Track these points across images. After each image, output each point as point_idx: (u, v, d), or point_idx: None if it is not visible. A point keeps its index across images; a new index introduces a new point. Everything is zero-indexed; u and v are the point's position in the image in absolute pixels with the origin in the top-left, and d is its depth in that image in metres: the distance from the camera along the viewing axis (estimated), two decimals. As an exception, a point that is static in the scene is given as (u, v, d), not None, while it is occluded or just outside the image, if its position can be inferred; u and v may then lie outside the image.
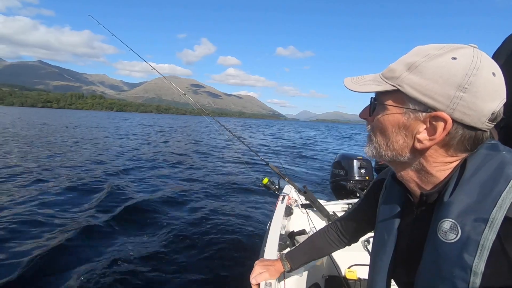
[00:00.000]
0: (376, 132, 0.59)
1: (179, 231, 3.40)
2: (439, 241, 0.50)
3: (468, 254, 0.46)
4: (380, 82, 0.56)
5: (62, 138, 12.94)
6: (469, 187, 0.49)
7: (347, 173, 2.22)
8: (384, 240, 0.68)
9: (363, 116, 0.62)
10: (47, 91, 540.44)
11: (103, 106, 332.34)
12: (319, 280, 1.57)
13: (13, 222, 3.31)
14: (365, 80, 0.58)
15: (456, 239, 0.48)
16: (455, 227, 0.48)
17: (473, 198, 0.48)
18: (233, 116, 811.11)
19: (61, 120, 31.21)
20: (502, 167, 0.47)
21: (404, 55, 0.55)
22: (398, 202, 0.67)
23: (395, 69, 0.54)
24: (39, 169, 6.22)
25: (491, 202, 0.45)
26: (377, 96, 0.58)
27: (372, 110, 0.59)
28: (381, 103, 0.56)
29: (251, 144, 15.10)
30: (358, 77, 0.60)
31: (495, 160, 0.49)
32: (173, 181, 5.93)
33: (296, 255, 1.01)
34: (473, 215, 0.47)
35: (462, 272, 0.46)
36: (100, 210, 3.91)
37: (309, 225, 1.81)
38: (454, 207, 0.49)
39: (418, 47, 0.54)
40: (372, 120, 0.59)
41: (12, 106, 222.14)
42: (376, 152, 0.60)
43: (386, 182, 0.75)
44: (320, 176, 7.56)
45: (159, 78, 2.69)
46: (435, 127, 0.51)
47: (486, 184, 0.47)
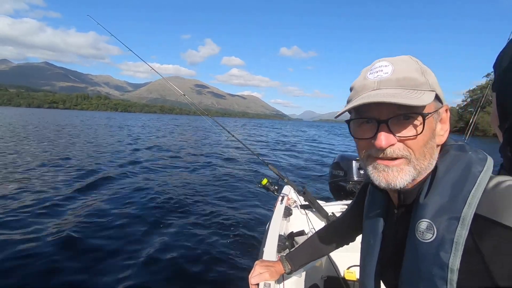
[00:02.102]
0: (417, 150, 0.52)
1: (178, 231, 3.42)
2: (417, 242, 0.52)
3: (444, 252, 0.48)
4: (420, 92, 0.51)
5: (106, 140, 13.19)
6: (441, 187, 0.51)
7: (346, 174, 2.21)
8: (370, 244, 0.69)
9: (404, 140, 0.52)
10: (53, 92, 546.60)
11: (108, 106, 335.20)
12: (318, 281, 1.57)
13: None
14: (400, 92, 0.51)
15: (432, 238, 0.49)
16: (431, 227, 0.50)
17: (446, 198, 0.50)
18: (237, 116, 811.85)
19: (75, 120, 31.53)
20: (469, 167, 0.50)
21: (403, 66, 0.53)
22: (381, 206, 0.69)
23: (415, 77, 0.52)
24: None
25: (462, 201, 0.48)
26: (416, 109, 0.51)
27: (423, 125, 0.51)
28: (424, 113, 0.51)
29: (251, 144, 15.10)
30: (381, 91, 0.52)
31: (463, 160, 0.52)
32: (171, 182, 5.92)
33: (296, 256, 1.02)
34: (446, 215, 0.49)
35: (440, 270, 0.48)
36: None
37: (308, 226, 1.81)
38: (429, 208, 0.51)
39: (397, 58, 0.56)
40: (414, 138, 0.51)
41: (19, 107, 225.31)
42: (417, 174, 0.53)
43: (370, 187, 0.76)
44: (319, 176, 7.54)
45: (165, 78, 2.72)
46: (445, 119, 0.56)
47: (456, 184, 0.50)
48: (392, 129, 0.52)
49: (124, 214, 3.88)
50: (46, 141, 11.54)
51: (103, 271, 2.53)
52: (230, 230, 3.54)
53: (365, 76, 0.56)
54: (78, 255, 2.74)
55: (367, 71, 0.57)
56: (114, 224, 3.52)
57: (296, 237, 1.74)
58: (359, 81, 0.57)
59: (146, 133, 20.45)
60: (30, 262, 2.56)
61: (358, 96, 0.55)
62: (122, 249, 2.94)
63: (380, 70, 0.54)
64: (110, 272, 2.52)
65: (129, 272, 2.54)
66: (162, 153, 10.27)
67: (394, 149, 0.52)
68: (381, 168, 0.54)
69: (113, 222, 3.57)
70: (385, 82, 0.53)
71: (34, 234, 3.07)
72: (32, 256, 2.64)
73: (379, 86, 0.53)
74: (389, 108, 0.51)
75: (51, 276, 2.40)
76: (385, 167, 0.53)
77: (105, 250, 2.89)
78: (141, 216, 3.86)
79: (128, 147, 11.27)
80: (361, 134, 0.56)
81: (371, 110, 0.53)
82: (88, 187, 5.09)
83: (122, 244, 3.03)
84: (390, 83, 0.52)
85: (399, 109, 0.50)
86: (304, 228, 1.82)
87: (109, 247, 2.96)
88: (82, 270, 2.53)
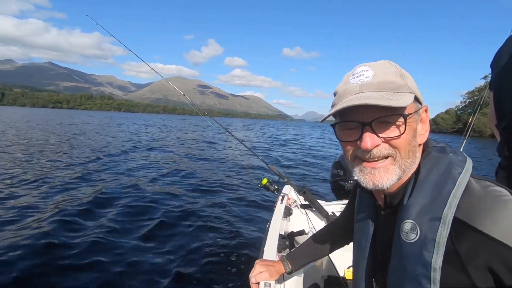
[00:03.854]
0: (402, 148, 0.54)
1: (177, 230, 3.42)
2: (402, 242, 0.54)
3: (427, 252, 0.49)
4: (400, 94, 0.53)
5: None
6: (424, 188, 0.53)
7: (346, 173, 2.21)
8: (361, 246, 0.70)
9: (389, 140, 0.53)
10: (57, 91, 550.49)
11: (111, 106, 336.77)
12: (318, 281, 1.57)
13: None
14: (381, 95, 0.52)
15: (416, 238, 0.51)
16: (415, 227, 0.52)
17: (428, 199, 0.51)
18: (239, 116, 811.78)
19: (82, 120, 31.72)
20: (450, 169, 0.52)
21: (383, 70, 0.55)
22: (369, 208, 0.70)
23: (394, 80, 0.54)
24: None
25: (443, 202, 0.49)
26: (397, 110, 0.52)
27: (405, 125, 0.53)
28: (405, 114, 0.53)
29: (251, 144, 15.09)
30: (363, 94, 0.54)
31: (444, 162, 0.54)
32: (170, 182, 5.94)
33: (297, 256, 1.02)
34: (429, 215, 0.50)
35: (423, 269, 0.50)
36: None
37: (308, 226, 1.82)
38: (412, 209, 0.53)
39: (377, 63, 0.57)
40: (398, 138, 0.53)
41: (24, 107, 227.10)
42: (402, 172, 0.55)
43: (358, 189, 0.78)
44: (320, 176, 7.52)
45: (165, 78, 2.74)
46: (425, 119, 0.58)
47: (437, 185, 0.51)
48: (376, 130, 0.53)
49: (121, 210, 3.91)
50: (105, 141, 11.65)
51: (103, 271, 2.51)
52: (230, 229, 3.54)
53: (347, 81, 0.58)
54: (61, 257, 2.66)
55: (349, 76, 0.58)
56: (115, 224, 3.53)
57: (296, 236, 1.74)
58: (341, 86, 0.59)
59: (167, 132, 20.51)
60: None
61: (341, 100, 0.56)
62: (119, 247, 2.93)
63: (361, 75, 0.56)
64: (107, 272, 2.50)
65: (129, 267, 2.56)
66: (162, 152, 10.31)
67: (380, 149, 0.54)
68: (367, 171, 0.55)
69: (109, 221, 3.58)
70: (366, 85, 0.54)
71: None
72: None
73: (361, 90, 0.54)
74: (372, 111, 0.52)
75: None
76: (371, 169, 0.55)
77: (104, 250, 2.88)
78: (139, 212, 3.88)
79: (129, 144, 11.36)
80: (346, 137, 0.58)
81: (355, 113, 0.54)
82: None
83: (120, 242, 3.03)
84: (371, 86, 0.54)
85: (382, 111, 0.52)
86: (304, 227, 1.82)
87: (107, 247, 2.93)
88: (75, 271, 2.49)
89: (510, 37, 0.75)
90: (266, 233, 1.48)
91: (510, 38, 0.75)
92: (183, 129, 29.51)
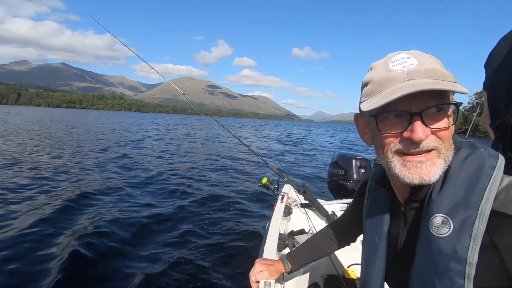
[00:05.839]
0: (447, 140, 0.52)
1: (177, 230, 3.43)
2: (432, 237, 0.51)
3: (462, 246, 0.47)
4: (451, 83, 0.49)
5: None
6: (456, 183, 0.51)
7: (346, 172, 2.20)
8: (375, 243, 0.68)
9: (436, 132, 0.51)
10: (71, 92, 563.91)
11: (122, 106, 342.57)
12: (318, 280, 1.57)
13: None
14: (438, 81, 0.49)
15: (448, 233, 0.49)
16: (446, 221, 0.50)
17: (462, 193, 0.50)
18: (247, 116, 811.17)
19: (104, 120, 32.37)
20: (483, 163, 0.50)
21: (425, 58, 0.52)
22: (385, 205, 0.68)
23: (440, 69, 0.51)
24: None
25: (478, 196, 0.48)
26: (447, 99, 0.51)
27: (457, 115, 0.52)
28: (459, 103, 0.52)
29: (250, 144, 15.07)
30: (415, 81, 0.50)
31: (475, 157, 0.52)
32: (169, 181, 5.94)
33: (297, 255, 1.02)
34: (463, 209, 0.48)
35: (457, 264, 0.47)
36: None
37: (308, 225, 1.81)
38: (444, 203, 0.51)
39: (413, 51, 0.54)
40: (446, 129, 0.51)
41: (39, 107, 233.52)
42: (445, 165, 0.52)
43: (369, 186, 0.75)
44: (320, 175, 7.46)
45: (175, 79, 2.81)
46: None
47: (471, 180, 0.50)
48: (425, 121, 0.50)
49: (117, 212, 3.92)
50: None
51: (104, 272, 2.52)
52: (230, 228, 3.54)
53: (388, 68, 0.53)
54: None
55: (386, 64, 0.54)
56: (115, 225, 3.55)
57: (296, 236, 1.75)
58: (380, 74, 0.53)
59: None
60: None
61: (384, 88, 0.51)
62: (119, 247, 2.94)
63: (404, 62, 0.52)
64: (107, 273, 2.52)
65: (129, 271, 2.56)
66: (160, 154, 10.37)
67: (428, 142, 0.50)
68: (412, 165, 0.51)
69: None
70: (414, 73, 0.50)
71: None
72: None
73: (410, 77, 0.50)
74: (424, 100, 0.49)
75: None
76: (417, 163, 0.51)
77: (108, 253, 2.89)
78: (138, 211, 3.92)
79: (131, 143, 11.52)
80: (390, 128, 0.53)
81: (401, 103, 0.50)
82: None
83: (119, 242, 3.03)
84: (421, 73, 0.50)
85: (434, 99, 0.49)
86: (304, 227, 1.83)
87: (106, 248, 2.91)
88: (75, 271, 2.48)
89: (503, 37, 0.75)
90: (266, 232, 1.49)
91: (503, 38, 0.75)
92: (187, 128, 29.61)
